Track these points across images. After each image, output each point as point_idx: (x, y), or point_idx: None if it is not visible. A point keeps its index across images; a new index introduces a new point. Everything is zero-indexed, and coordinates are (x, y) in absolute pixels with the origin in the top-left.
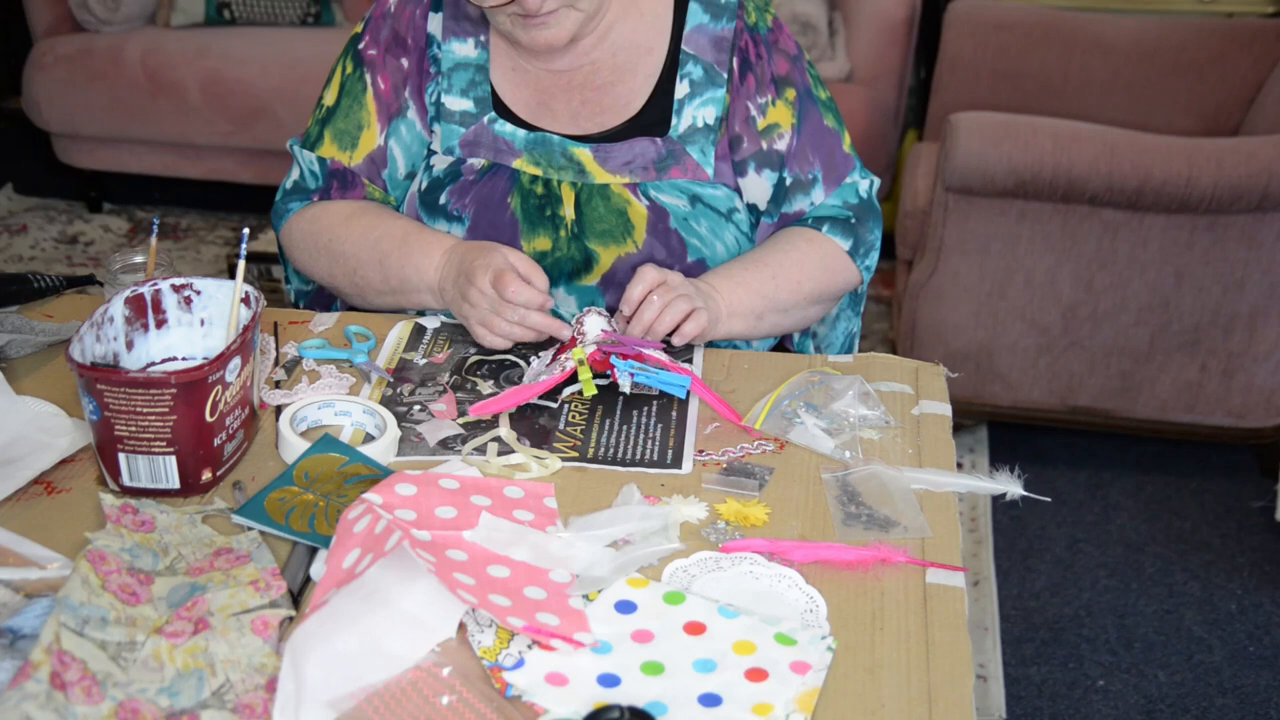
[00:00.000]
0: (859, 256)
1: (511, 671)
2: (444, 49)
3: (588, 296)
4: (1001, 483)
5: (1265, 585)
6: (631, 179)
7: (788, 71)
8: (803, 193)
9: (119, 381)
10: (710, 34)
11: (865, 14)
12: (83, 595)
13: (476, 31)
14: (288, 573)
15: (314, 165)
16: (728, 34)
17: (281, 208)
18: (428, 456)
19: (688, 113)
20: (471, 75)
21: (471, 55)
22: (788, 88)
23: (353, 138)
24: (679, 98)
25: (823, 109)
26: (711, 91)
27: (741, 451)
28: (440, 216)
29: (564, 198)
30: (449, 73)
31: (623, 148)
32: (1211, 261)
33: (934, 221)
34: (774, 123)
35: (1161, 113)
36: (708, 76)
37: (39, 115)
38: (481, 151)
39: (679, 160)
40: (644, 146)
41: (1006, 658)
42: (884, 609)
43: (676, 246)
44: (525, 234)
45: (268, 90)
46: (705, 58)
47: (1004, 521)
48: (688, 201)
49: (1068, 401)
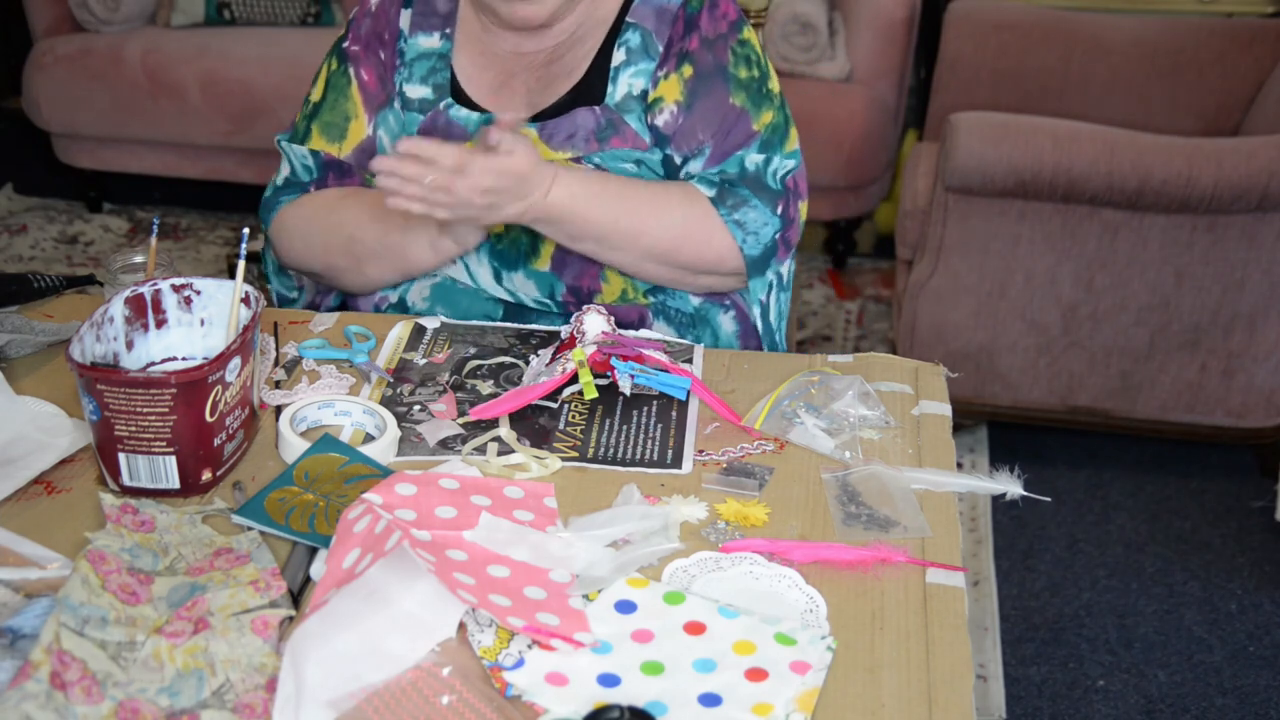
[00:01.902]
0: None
1: (511, 671)
2: (409, 42)
3: (544, 281)
4: (1001, 483)
5: (1265, 585)
6: (574, 153)
7: (695, 48)
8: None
9: (119, 381)
10: (655, 5)
11: (865, 14)
12: (83, 595)
13: (443, 25)
14: (288, 573)
15: (306, 159)
16: (672, 7)
17: (272, 201)
18: (428, 456)
19: (623, 80)
20: (433, 63)
21: (435, 46)
22: (685, 64)
23: (340, 129)
24: (615, 65)
25: (734, 86)
26: (645, 63)
27: (741, 451)
28: None
29: None
30: (411, 63)
31: (565, 121)
32: (1211, 261)
33: (934, 221)
34: (659, 97)
35: (1161, 113)
36: (643, 45)
37: (39, 115)
38: (436, 136)
39: (618, 130)
40: (584, 117)
41: (1006, 658)
42: (884, 609)
43: None
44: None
45: (267, 90)
46: (646, 25)
47: (1004, 521)
48: (632, 166)
49: (1068, 401)
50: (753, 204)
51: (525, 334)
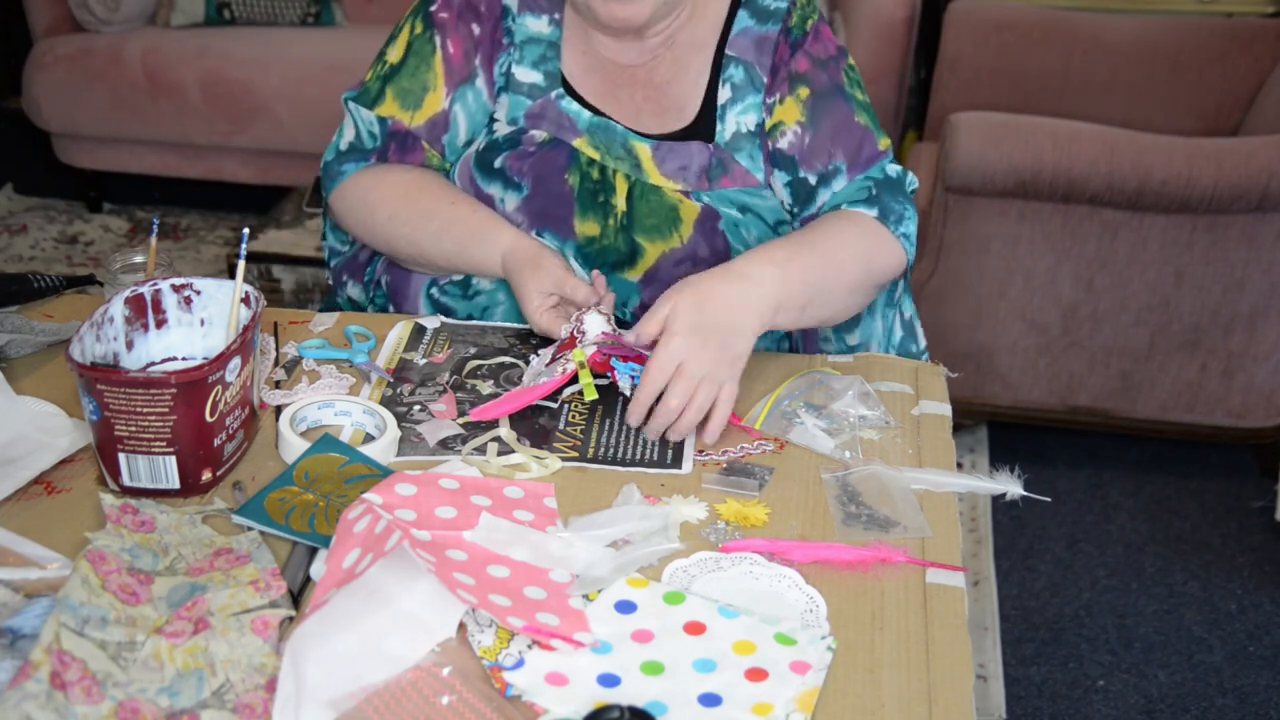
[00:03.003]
0: (890, 223)
1: (511, 671)
2: (518, 21)
3: (626, 290)
4: (1001, 483)
5: (1265, 585)
6: (684, 186)
7: (807, 69)
8: (824, 185)
9: (119, 381)
10: (754, 35)
11: (865, 14)
12: (83, 595)
13: (551, 9)
14: (288, 573)
15: (373, 125)
16: (771, 35)
17: (335, 169)
18: (428, 456)
19: (731, 119)
20: (543, 50)
21: (545, 31)
22: (800, 85)
23: (417, 98)
24: (721, 103)
25: (856, 106)
26: (752, 97)
27: (741, 451)
28: (496, 180)
29: (618, 188)
30: (522, 45)
31: (680, 148)
32: (1211, 261)
33: (934, 221)
34: (779, 121)
35: (1161, 113)
36: (748, 79)
37: (39, 115)
38: (545, 125)
39: (728, 169)
40: (699, 150)
41: (1006, 658)
42: (884, 609)
43: (721, 247)
44: (578, 214)
45: (267, 90)
46: (747, 58)
47: (1004, 521)
48: (738, 210)
49: (1068, 401)
50: (906, 210)
51: (525, 334)
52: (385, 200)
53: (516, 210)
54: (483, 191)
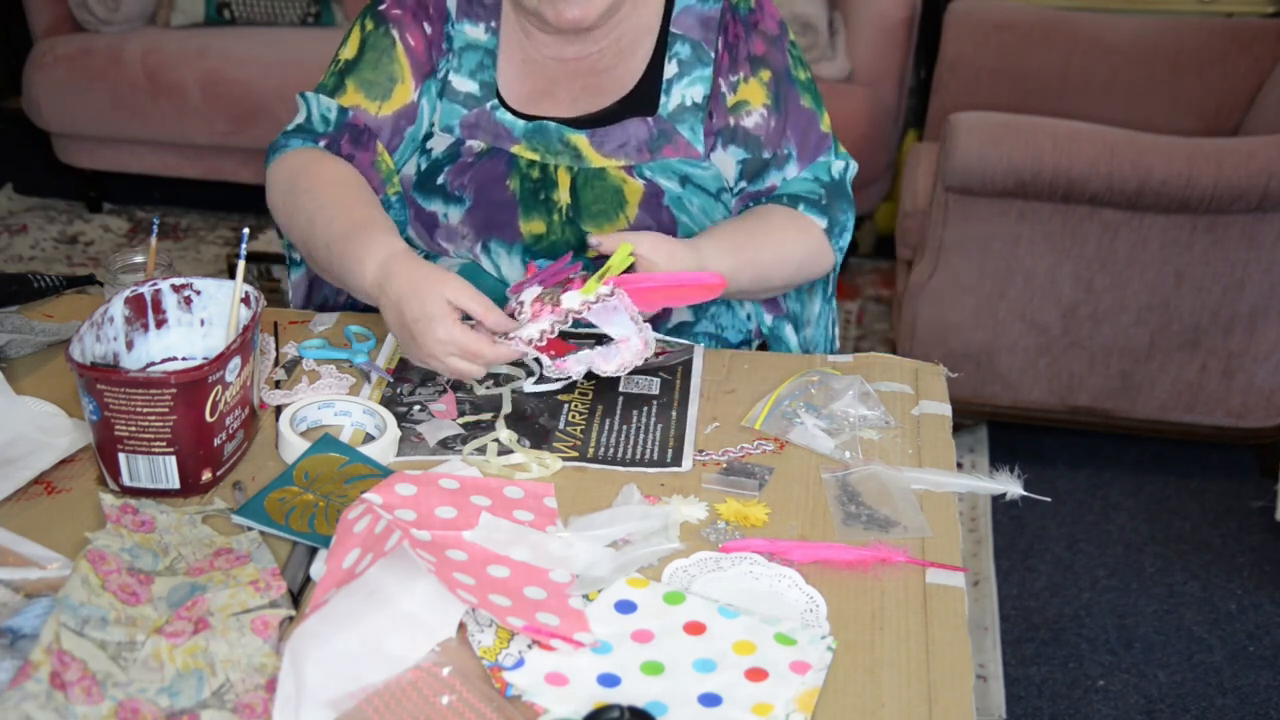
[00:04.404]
0: (834, 237)
1: (511, 671)
2: (457, 27)
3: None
4: (1001, 483)
5: (1265, 585)
6: (626, 161)
7: (764, 52)
8: (776, 168)
9: (119, 381)
10: (697, 14)
11: (865, 14)
12: (83, 595)
13: (489, 17)
14: (288, 573)
15: (329, 111)
16: (714, 14)
17: (280, 142)
18: (428, 456)
19: (676, 92)
20: (480, 58)
21: (482, 39)
22: (762, 68)
23: (384, 89)
24: (668, 77)
25: (800, 89)
26: (700, 70)
27: (741, 451)
28: (438, 197)
29: (559, 182)
30: (460, 52)
31: (616, 130)
32: (1211, 261)
33: (934, 221)
34: (743, 99)
35: (1161, 113)
36: (695, 55)
37: (39, 115)
38: (480, 134)
39: (670, 139)
40: (636, 127)
41: (1006, 658)
42: (884, 609)
43: (667, 222)
44: (522, 215)
45: (267, 90)
46: (693, 35)
47: (1004, 521)
48: (679, 182)
49: (1068, 401)
50: (849, 220)
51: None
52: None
53: (461, 223)
54: (424, 210)
